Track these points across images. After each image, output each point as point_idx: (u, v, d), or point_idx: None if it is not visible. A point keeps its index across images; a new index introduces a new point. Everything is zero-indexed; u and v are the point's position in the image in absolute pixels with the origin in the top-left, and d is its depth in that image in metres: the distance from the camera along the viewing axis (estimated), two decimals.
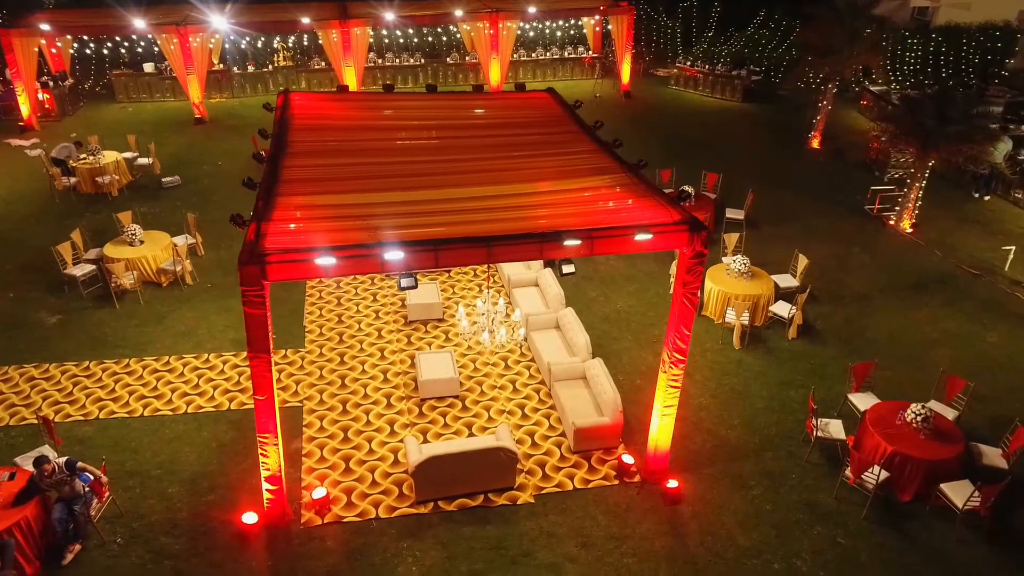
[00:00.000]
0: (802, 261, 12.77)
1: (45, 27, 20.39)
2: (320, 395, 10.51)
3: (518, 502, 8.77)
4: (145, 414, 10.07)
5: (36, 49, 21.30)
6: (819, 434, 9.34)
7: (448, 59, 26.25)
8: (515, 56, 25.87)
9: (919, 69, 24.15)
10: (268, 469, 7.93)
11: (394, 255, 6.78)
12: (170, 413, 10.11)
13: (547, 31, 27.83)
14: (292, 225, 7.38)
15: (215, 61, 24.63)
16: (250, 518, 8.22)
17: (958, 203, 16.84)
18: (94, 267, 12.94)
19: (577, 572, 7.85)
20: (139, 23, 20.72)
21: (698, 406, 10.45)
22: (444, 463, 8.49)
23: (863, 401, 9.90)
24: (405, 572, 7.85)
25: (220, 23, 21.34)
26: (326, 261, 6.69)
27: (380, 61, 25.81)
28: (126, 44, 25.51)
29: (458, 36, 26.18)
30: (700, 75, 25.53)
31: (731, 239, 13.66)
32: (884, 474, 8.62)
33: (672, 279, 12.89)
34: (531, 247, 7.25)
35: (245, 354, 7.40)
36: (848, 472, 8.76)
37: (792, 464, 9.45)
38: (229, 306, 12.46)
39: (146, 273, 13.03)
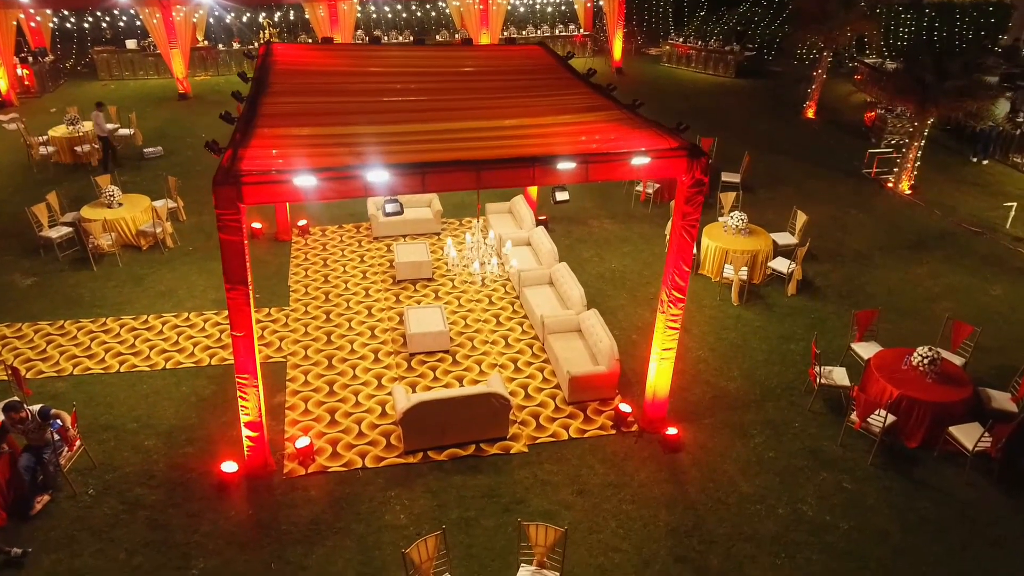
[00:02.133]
0: (800, 218, 12.47)
1: None
2: (305, 351, 10.12)
3: (511, 452, 8.41)
4: (122, 370, 9.65)
5: (14, 23, 20.78)
6: (822, 381, 9.02)
7: (437, 36, 25.87)
8: (505, 33, 25.51)
9: (913, 44, 23.92)
10: (248, 414, 7.54)
11: (378, 176, 6.41)
12: (148, 369, 9.70)
13: (538, 7, 27.47)
14: (272, 151, 6.99)
15: (199, 38, 24.16)
16: (230, 467, 7.82)
17: (956, 167, 16.59)
18: (71, 229, 12.49)
19: (573, 518, 7.49)
20: None
21: (696, 359, 10.12)
22: (433, 410, 8.12)
23: (867, 350, 9.59)
24: (393, 520, 7.48)
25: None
26: (306, 182, 6.31)
27: (367, 39, 25.37)
28: (107, 19, 24.96)
29: (447, 12, 25.79)
30: (693, 51, 25.23)
31: (727, 198, 13.35)
32: (891, 418, 8.31)
33: (668, 239, 12.56)
34: (523, 171, 6.89)
35: (227, 312, 7.02)
36: (853, 417, 8.44)
37: (794, 413, 9.13)
38: (211, 268, 12.03)
39: (125, 236, 12.59)
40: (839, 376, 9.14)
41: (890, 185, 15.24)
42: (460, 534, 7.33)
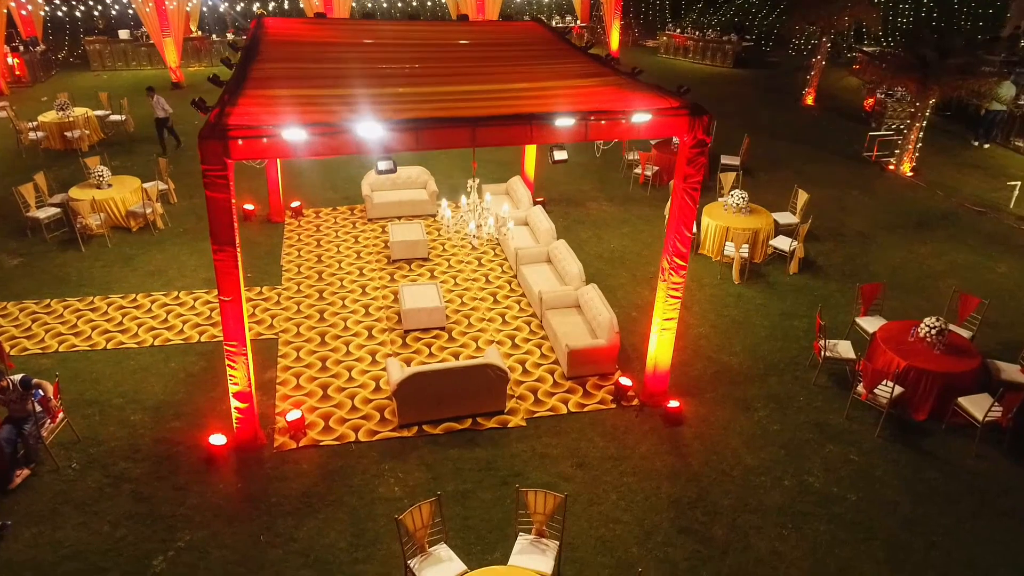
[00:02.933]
0: (802, 197, 12.28)
1: None
2: (297, 328, 9.88)
3: (508, 425, 8.18)
4: (108, 347, 9.40)
5: (5, 11, 20.54)
6: (827, 354, 8.81)
7: None
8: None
9: (908, 46, 23.84)
10: (236, 384, 7.30)
11: (371, 131, 6.18)
12: (135, 346, 9.45)
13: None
14: (261, 109, 6.76)
15: (193, 28, 23.95)
16: (218, 440, 7.57)
17: (957, 150, 16.44)
18: (59, 210, 12.24)
19: (573, 490, 7.25)
20: None
21: (697, 335, 9.90)
22: (428, 381, 7.89)
23: (872, 324, 9.38)
24: (387, 492, 7.24)
25: None
26: (295, 135, 6.08)
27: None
28: (99, 8, 24.73)
29: (443, 1, 25.60)
30: (690, 42, 25.09)
31: (727, 178, 13.15)
32: (898, 389, 8.10)
33: (668, 218, 12.36)
34: (520, 129, 6.67)
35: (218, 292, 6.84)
36: (860, 388, 8.23)
37: (799, 388, 8.92)
38: (202, 248, 11.80)
39: (114, 217, 12.34)
40: (844, 349, 8.93)
41: (891, 167, 15.06)
42: (456, 506, 7.10)
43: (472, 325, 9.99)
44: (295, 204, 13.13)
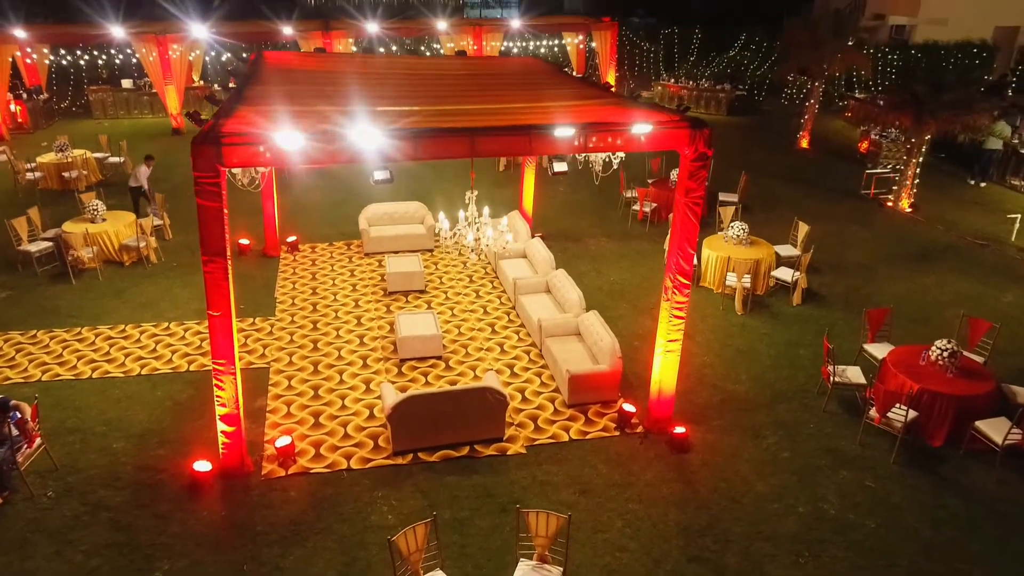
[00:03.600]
0: (802, 228, 12.19)
1: (20, 33, 19.98)
2: (289, 357, 9.60)
3: (507, 453, 7.83)
4: (94, 376, 9.09)
5: (10, 59, 20.89)
6: (836, 379, 8.54)
7: None
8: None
9: (900, 84, 24.31)
10: (224, 405, 6.99)
11: (367, 139, 6.07)
12: (121, 375, 9.14)
13: (530, 49, 27.93)
14: (256, 120, 6.67)
15: (195, 78, 24.35)
16: (203, 466, 7.21)
17: (955, 188, 16.49)
18: (51, 244, 12.10)
19: (576, 518, 6.87)
20: (118, 31, 20.39)
21: (701, 364, 9.64)
22: (424, 405, 7.58)
23: (880, 351, 9.14)
24: (380, 520, 6.85)
25: (200, 32, 21.07)
26: (290, 142, 5.96)
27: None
28: (103, 58, 25.19)
29: (441, 52, 26.12)
30: (684, 91, 25.54)
31: (727, 212, 13.10)
32: (912, 413, 7.80)
33: (666, 252, 12.25)
34: (519, 139, 6.57)
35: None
36: (872, 413, 7.93)
37: (808, 415, 8.61)
38: (196, 281, 11.60)
39: (107, 251, 12.18)
40: (854, 374, 8.66)
41: (889, 204, 15.06)
42: (453, 534, 6.70)
43: (470, 355, 9.72)
44: (291, 239, 13.00)
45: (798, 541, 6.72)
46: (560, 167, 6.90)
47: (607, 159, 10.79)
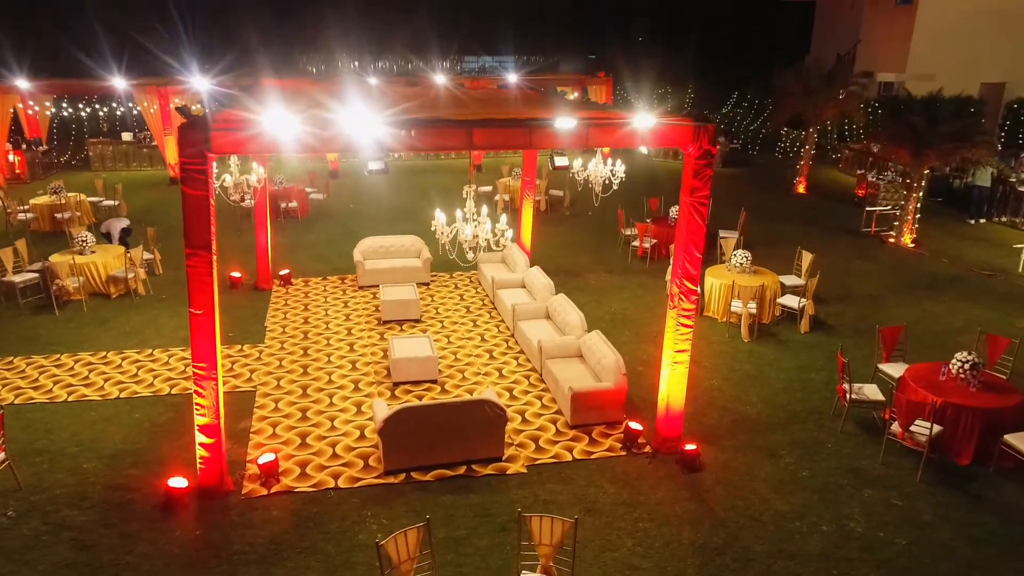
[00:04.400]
0: (806, 257, 11.94)
1: (23, 84, 20.20)
2: (277, 381, 9.14)
3: (507, 472, 7.31)
4: (69, 400, 8.61)
5: (11, 110, 21.07)
6: (853, 397, 8.10)
7: None
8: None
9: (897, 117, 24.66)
10: (203, 415, 6.52)
11: (362, 126, 5.86)
12: (99, 398, 8.66)
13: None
14: (249, 112, 6.48)
15: None
16: (178, 483, 6.67)
17: (955, 227, 16.39)
18: (36, 275, 11.77)
19: (583, 536, 6.32)
20: (120, 82, 20.65)
21: (709, 387, 9.20)
22: (418, 418, 7.11)
23: (896, 370, 8.72)
24: (368, 539, 6.28)
25: (201, 84, 21.35)
26: (281, 127, 5.74)
27: None
28: (104, 110, 25.47)
29: None
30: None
31: (728, 243, 12.87)
32: (936, 428, 7.34)
33: (668, 283, 11.96)
34: (518, 132, 6.38)
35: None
36: (895, 428, 7.47)
37: (825, 435, 8.13)
38: (184, 311, 11.13)
39: (94, 282, 11.83)
40: (871, 392, 8.24)
41: (892, 240, 14.90)
42: (449, 553, 6.14)
43: (467, 378, 9.28)
44: (284, 272, 12.70)
45: (824, 560, 6.16)
46: (561, 161, 6.68)
47: (608, 178, 10.69)
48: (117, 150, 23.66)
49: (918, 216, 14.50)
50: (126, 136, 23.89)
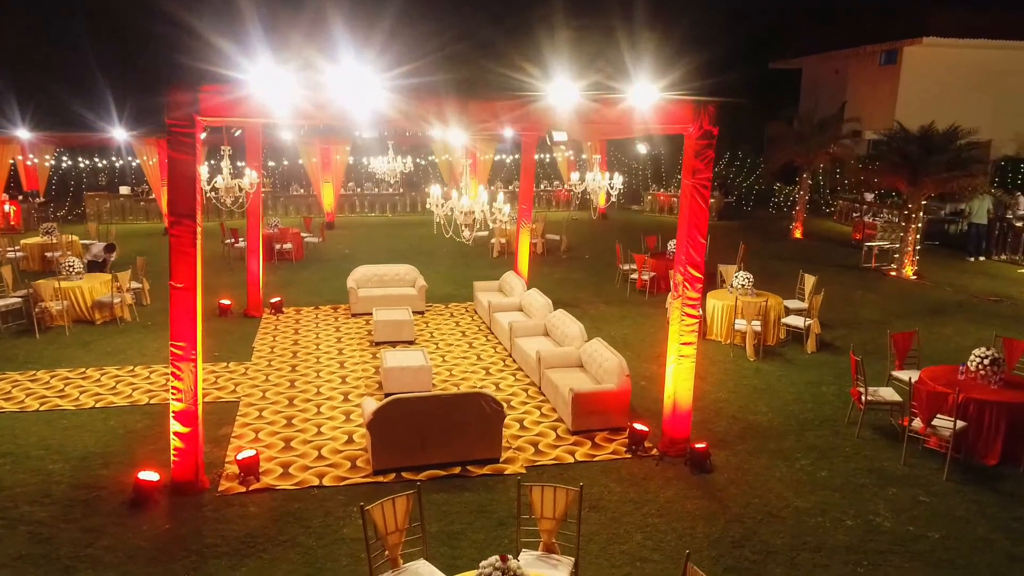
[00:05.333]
0: (808, 280, 11.70)
1: (24, 134, 20.35)
2: (263, 392, 8.70)
3: (505, 472, 6.82)
4: (40, 409, 8.13)
5: (11, 161, 21.19)
6: (868, 399, 7.70)
7: (426, 189, 26.68)
8: (492, 188, 26.33)
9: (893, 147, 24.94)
10: (179, 399, 6.09)
11: (359, 87, 5.71)
12: (72, 408, 8.19)
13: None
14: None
15: None
16: (149, 477, 6.17)
17: (955, 263, 16.26)
18: (19, 300, 11.42)
19: (587, 531, 5.80)
20: (121, 133, 20.84)
21: (716, 399, 8.78)
22: (411, 412, 6.69)
23: (910, 377, 8.33)
24: (353, 533, 5.75)
25: (200, 136, 21.55)
26: (274, 89, 5.60)
27: (359, 189, 26.16)
28: (104, 162, 25.66)
29: (435, 161, 26.83)
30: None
31: (728, 271, 12.66)
32: (960, 423, 6.92)
33: (670, 309, 11.66)
34: (514, 104, 6.24)
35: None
36: (916, 423, 7.04)
37: (842, 440, 7.68)
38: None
39: (78, 308, 11.47)
40: (887, 394, 7.85)
41: (893, 273, 14.72)
42: (442, 547, 5.62)
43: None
44: (275, 300, 12.39)
45: (852, 552, 5.64)
46: (559, 136, 6.53)
47: (607, 188, 10.56)
48: (114, 204, 23.70)
49: (918, 248, 14.38)
50: (124, 190, 23.99)
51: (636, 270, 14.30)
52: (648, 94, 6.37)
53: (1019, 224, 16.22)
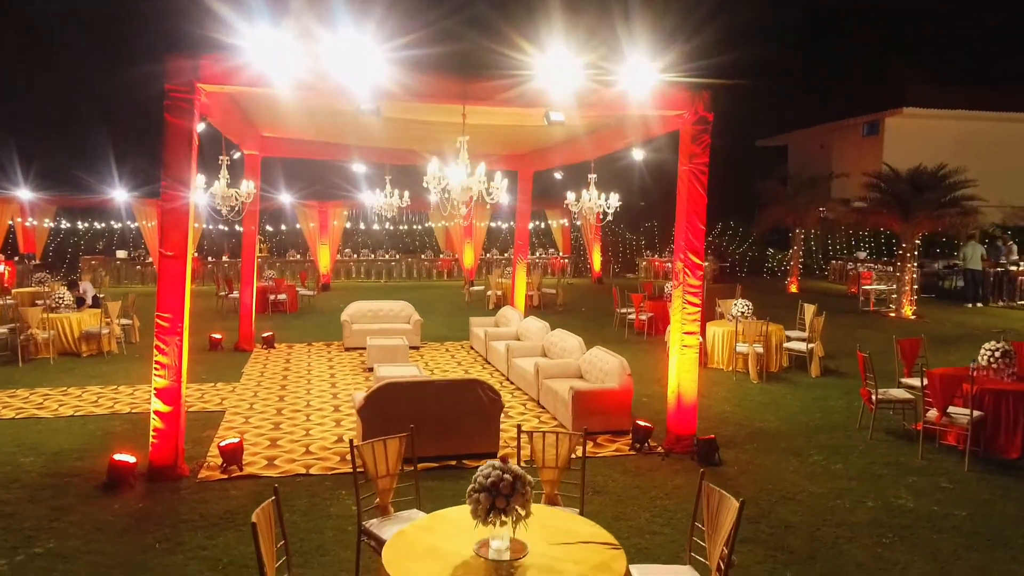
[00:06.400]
0: (808, 310, 11.56)
1: (25, 194, 20.62)
2: (251, 404, 8.36)
3: None
4: (16, 417, 7.77)
5: (9, 222, 21.33)
6: (879, 397, 7.44)
7: (422, 256, 26.84)
8: (487, 255, 26.52)
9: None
10: (162, 375, 5.82)
11: (362, 63, 5.78)
12: (50, 416, 7.82)
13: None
14: None
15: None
16: (125, 458, 5.81)
17: (953, 309, 16.16)
18: (6, 331, 11.18)
19: (590, 511, 5.41)
20: (121, 194, 21.14)
21: (720, 411, 8.47)
22: (404, 398, 6.40)
23: (919, 384, 8.09)
24: (341, 511, 5.37)
25: (201, 198, 21.84)
26: (275, 56, 5.67)
27: (356, 256, 26.29)
28: (102, 225, 25.81)
29: (432, 228, 27.10)
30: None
31: (727, 303, 12.52)
32: (978, 413, 6.66)
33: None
34: (513, 83, 6.32)
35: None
36: (931, 414, 6.76)
37: (854, 441, 7.36)
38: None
39: (65, 341, 11.19)
40: (898, 393, 7.59)
41: (892, 315, 14.61)
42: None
43: None
44: (267, 334, 12.16)
45: (877, 527, 5.28)
46: (556, 116, 6.57)
47: (604, 208, 10.58)
48: (110, 268, 23.67)
49: (916, 287, 14.35)
50: (120, 254, 24.05)
51: (634, 311, 14.18)
52: (644, 76, 6.47)
53: (1014, 269, 16.28)
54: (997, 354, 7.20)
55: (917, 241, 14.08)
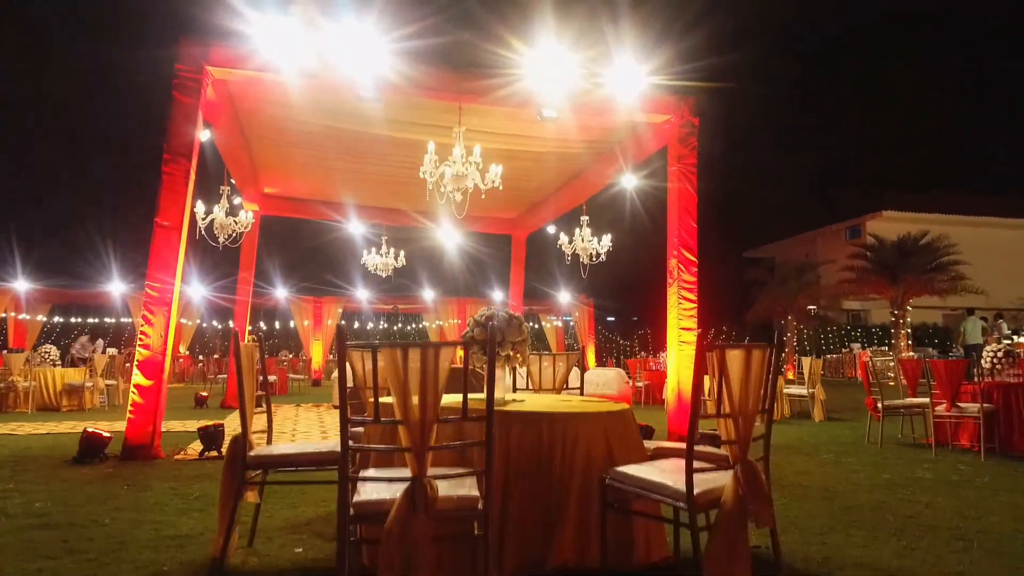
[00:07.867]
0: (806, 361, 11.40)
1: (21, 285, 20.69)
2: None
3: None
4: None
5: (2, 315, 21.24)
6: (886, 404, 7.22)
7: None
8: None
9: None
10: (146, 346, 5.65)
11: (368, 54, 6.11)
12: (22, 435, 7.46)
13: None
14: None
15: (181, 350, 24.57)
16: (98, 431, 5.50)
17: None
18: None
19: None
20: (118, 287, 21.25)
21: None
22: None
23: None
24: (334, 476, 5.02)
25: (197, 293, 22.02)
26: (282, 43, 5.99)
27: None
28: (96, 319, 25.66)
29: (426, 327, 27.05)
30: (661, 363, 26.05)
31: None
32: (988, 406, 6.45)
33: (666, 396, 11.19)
34: (509, 82, 6.64)
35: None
36: (941, 408, 6.54)
37: (864, 456, 7.02)
38: None
39: (46, 395, 10.87)
40: (904, 401, 7.36)
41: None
42: None
43: None
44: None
45: (897, 488, 4.97)
46: (549, 113, 6.82)
47: (593, 250, 10.69)
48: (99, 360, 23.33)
49: (910, 347, 14.26)
50: (111, 351, 23.76)
51: (630, 375, 13.94)
52: (632, 79, 6.81)
53: (1008, 342, 16.24)
54: (1000, 354, 7.08)
55: (907, 330, 14.18)
